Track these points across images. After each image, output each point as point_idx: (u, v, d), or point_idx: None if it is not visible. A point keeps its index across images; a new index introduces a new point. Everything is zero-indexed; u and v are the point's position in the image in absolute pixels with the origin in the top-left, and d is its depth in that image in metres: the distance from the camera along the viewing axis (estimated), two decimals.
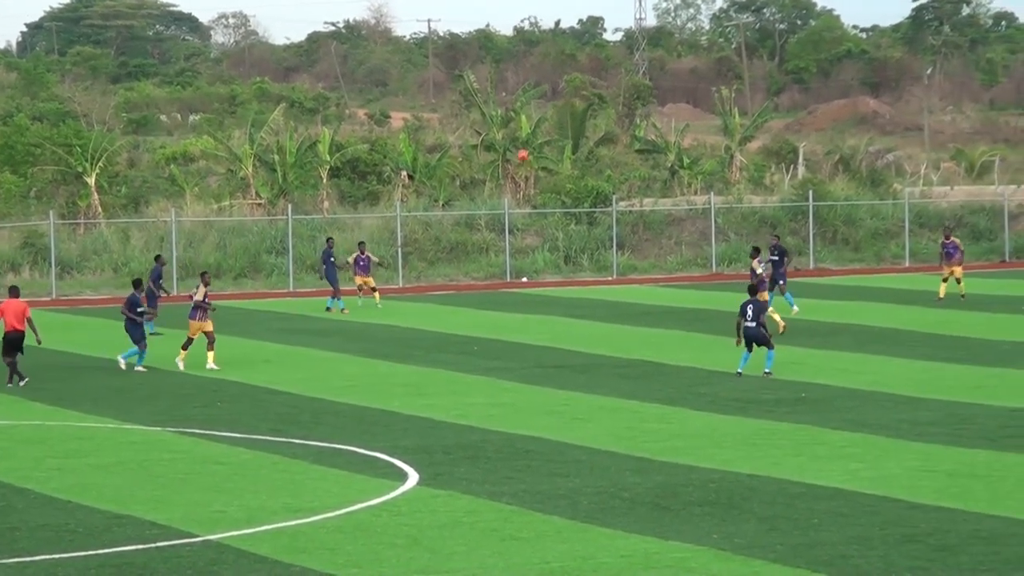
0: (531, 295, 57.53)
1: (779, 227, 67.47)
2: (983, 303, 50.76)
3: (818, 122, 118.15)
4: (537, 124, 76.75)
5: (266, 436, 30.11)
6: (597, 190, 67.67)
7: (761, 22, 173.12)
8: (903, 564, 20.35)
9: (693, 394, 34.39)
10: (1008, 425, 30.06)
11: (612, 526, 22.65)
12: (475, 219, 65.89)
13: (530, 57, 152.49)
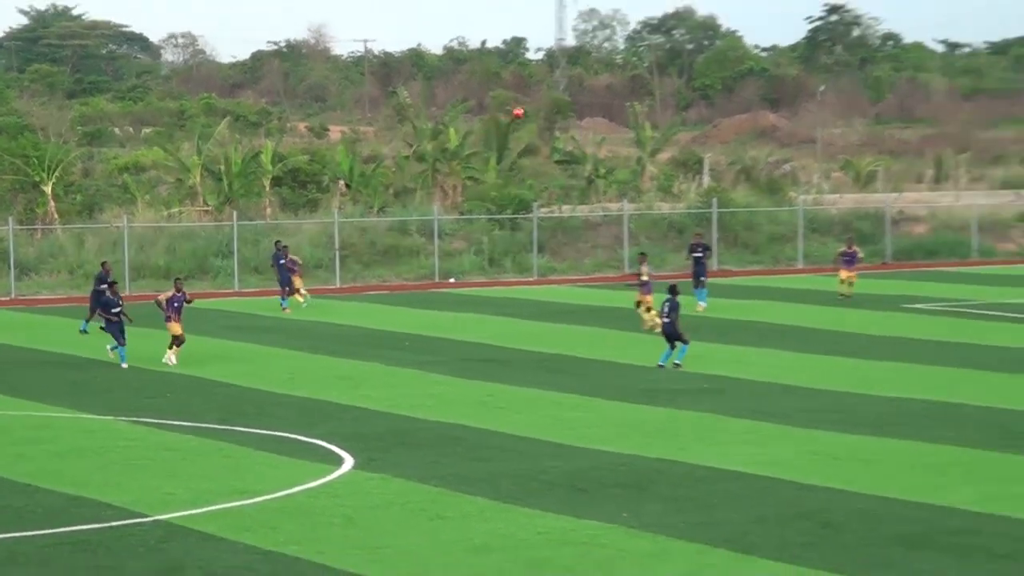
0: (458, 295, 57.59)
1: (687, 232, 67.85)
2: (869, 302, 51.10)
3: (722, 135, 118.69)
4: (465, 137, 76.71)
5: (213, 425, 30.10)
6: (519, 198, 67.78)
7: (671, 42, 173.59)
8: (794, 540, 20.62)
9: (607, 386, 34.53)
10: (889, 413, 30.37)
11: (531, 506, 22.80)
12: (407, 225, 65.85)
13: (458, 74, 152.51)
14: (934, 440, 27.33)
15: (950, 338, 41.94)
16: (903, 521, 21.41)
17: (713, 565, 19.42)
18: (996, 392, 32.65)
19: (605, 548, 20.33)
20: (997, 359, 37.67)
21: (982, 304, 50.51)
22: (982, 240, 69.78)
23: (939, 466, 25.20)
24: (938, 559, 19.44)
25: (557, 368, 37.59)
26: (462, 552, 20.30)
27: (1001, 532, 20.69)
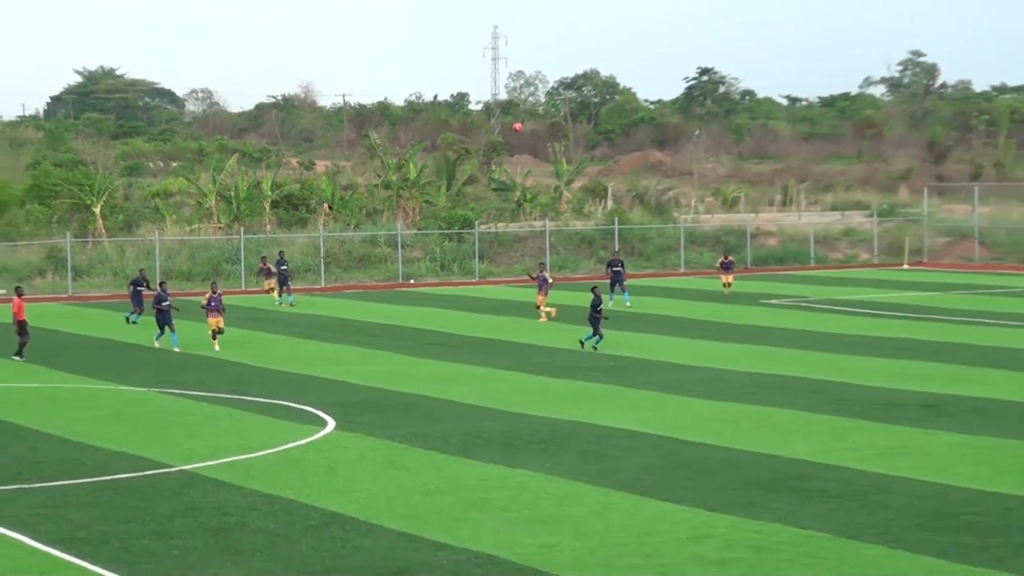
0: (417, 293, 57.42)
1: (595, 244, 67.92)
2: (734, 298, 51.28)
3: (621, 169, 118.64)
4: (421, 169, 76.72)
5: (225, 395, 29.82)
6: (464, 217, 67.75)
7: (581, 97, 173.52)
8: (678, 484, 20.59)
9: (532, 363, 34.47)
10: (749, 385, 30.43)
11: (474, 458, 22.69)
12: (376, 238, 65.68)
13: (416, 121, 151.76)
14: (782, 406, 27.38)
15: (795, 326, 42.08)
16: (760, 469, 21.41)
17: (615, 503, 19.35)
18: (829, 368, 32.76)
19: (531, 491, 20.24)
20: (830, 342, 37.84)
21: (818, 299, 50.74)
22: (817, 250, 70.17)
23: (786, 426, 25.22)
24: (787, 499, 19.43)
25: (494, 350, 37.48)
26: (419, 494, 20.16)
27: (833, 478, 20.71)
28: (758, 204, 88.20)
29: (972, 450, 22.56)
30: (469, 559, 16.58)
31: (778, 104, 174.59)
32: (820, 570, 15.87)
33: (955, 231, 72.74)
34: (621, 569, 16.10)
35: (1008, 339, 37.88)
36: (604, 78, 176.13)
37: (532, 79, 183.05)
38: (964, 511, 18.41)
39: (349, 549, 17.14)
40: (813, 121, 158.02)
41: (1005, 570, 15.63)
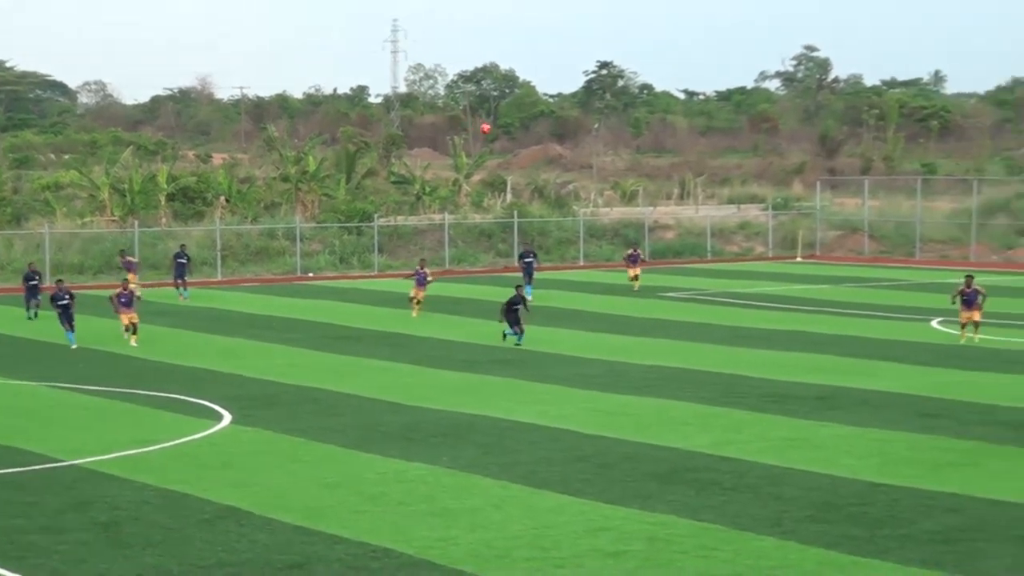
0: (315, 286, 57.09)
1: (494, 237, 67.98)
2: (632, 292, 51.56)
3: (521, 162, 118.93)
4: (320, 163, 76.38)
5: (118, 389, 29.41)
6: (363, 210, 67.47)
7: (481, 90, 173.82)
8: (575, 477, 20.70)
9: (431, 356, 34.44)
10: (648, 377, 30.66)
11: (372, 451, 22.63)
12: (275, 231, 65.17)
13: (315, 114, 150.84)
14: (679, 398, 27.63)
15: (692, 319, 42.48)
16: (657, 462, 21.59)
17: (513, 496, 19.41)
18: (725, 360, 33.12)
19: (429, 484, 20.24)
20: (726, 335, 38.25)
21: (715, 292, 51.27)
22: (714, 243, 70.89)
23: (682, 418, 25.45)
24: (683, 491, 19.62)
25: (393, 343, 37.37)
26: (316, 487, 20.07)
27: (728, 470, 20.95)
28: (656, 198, 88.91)
29: (861, 442, 22.96)
30: (366, 552, 16.54)
31: (676, 98, 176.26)
32: (713, 562, 16.06)
33: (846, 225, 73.91)
34: (517, 561, 16.17)
35: (896, 332, 38.58)
36: (503, 71, 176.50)
37: (432, 72, 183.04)
38: (853, 503, 18.73)
39: (244, 543, 17.01)
40: (710, 115, 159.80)
41: (891, 561, 15.93)
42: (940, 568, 15.58)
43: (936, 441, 22.94)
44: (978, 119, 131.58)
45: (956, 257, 66.52)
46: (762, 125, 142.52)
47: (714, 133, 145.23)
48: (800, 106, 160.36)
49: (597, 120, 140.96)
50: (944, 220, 71.74)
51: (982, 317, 36.14)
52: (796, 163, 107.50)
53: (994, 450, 21.99)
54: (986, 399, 26.90)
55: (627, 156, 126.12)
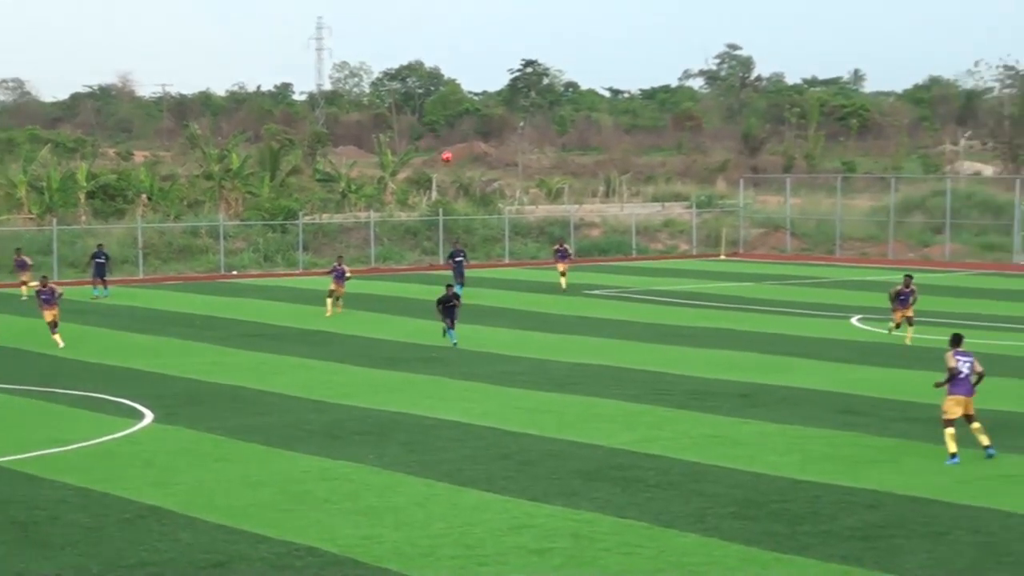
0: (239, 284, 56.68)
1: (420, 235, 67.86)
2: (557, 289, 51.61)
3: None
4: (244, 160, 75.97)
5: (36, 388, 29.03)
6: (288, 208, 67.13)
7: (406, 88, 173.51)
8: (499, 474, 20.72)
9: (356, 354, 34.31)
10: (572, 375, 30.75)
11: (296, 450, 22.51)
12: (198, 229, 64.66)
13: (239, 112, 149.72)
14: (604, 396, 27.73)
15: (617, 316, 42.66)
16: (582, 459, 21.65)
17: (437, 494, 19.39)
18: (650, 358, 33.29)
19: (354, 482, 20.17)
20: (651, 332, 38.46)
21: (639, 290, 51.54)
22: (639, 241, 71.27)
23: (608, 416, 25.54)
24: (608, 488, 19.70)
25: (317, 341, 37.20)
26: (241, 486, 19.93)
27: (652, 467, 21.06)
28: (581, 195, 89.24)
29: (782, 439, 23.17)
30: (290, 551, 16.45)
31: (601, 96, 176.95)
32: (637, 559, 16.14)
33: (769, 222, 74.61)
34: (442, 559, 16.15)
35: (817, 329, 38.98)
36: (429, 69, 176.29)
37: (357, 70, 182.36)
38: (774, 499, 18.91)
39: (166, 542, 16.86)
40: (635, 113, 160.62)
41: (812, 557, 16.09)
42: (860, 564, 15.77)
43: (856, 438, 23.21)
44: (896, 117, 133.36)
45: (875, 255, 67.37)
46: (686, 123, 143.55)
47: (639, 131, 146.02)
48: (723, 104, 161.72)
49: (522, 118, 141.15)
50: (863, 218, 72.65)
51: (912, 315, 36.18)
52: (719, 161, 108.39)
53: (912, 447, 22.30)
54: (904, 396, 27.26)
55: (552, 154, 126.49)
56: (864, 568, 15.61)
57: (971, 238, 67.47)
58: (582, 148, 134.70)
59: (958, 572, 15.47)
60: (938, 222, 67.84)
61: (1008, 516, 17.81)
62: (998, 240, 66.08)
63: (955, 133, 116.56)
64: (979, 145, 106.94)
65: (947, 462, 20.88)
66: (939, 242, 66.93)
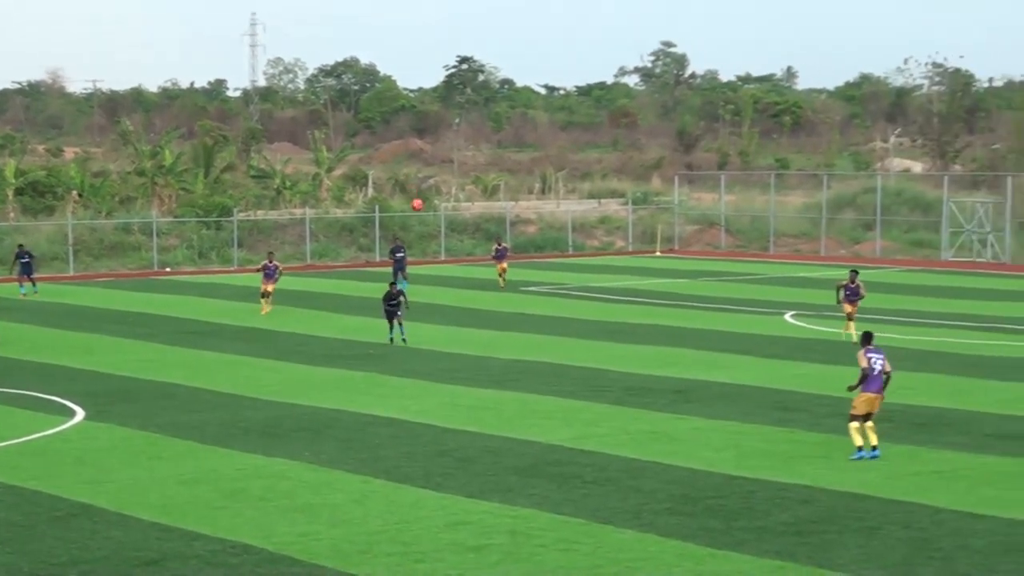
0: (173, 281, 56.19)
1: (356, 231, 67.58)
2: (495, 286, 51.57)
3: (382, 156, 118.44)
4: (178, 157, 75.38)
5: None
6: (222, 204, 66.65)
7: (341, 84, 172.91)
8: (437, 471, 20.69)
9: (293, 351, 34.14)
10: (509, 372, 30.75)
11: (231, 447, 22.37)
12: (130, 226, 64.05)
13: (172, 108, 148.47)
14: (541, 392, 27.76)
15: (554, 313, 42.72)
16: (519, 456, 21.67)
17: (374, 491, 19.33)
18: (587, 354, 33.37)
19: (290, 480, 20.07)
20: (588, 329, 38.54)
21: (576, 287, 51.65)
22: (575, 237, 71.42)
23: (545, 412, 25.57)
24: (544, 485, 19.72)
25: (252, 338, 36.96)
26: (175, 484, 19.78)
27: (589, 463, 21.12)
28: (517, 192, 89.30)
29: (718, 435, 23.31)
30: (225, 549, 16.33)
31: (536, 93, 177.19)
32: (574, 555, 16.17)
33: (703, 219, 75.05)
34: (379, 556, 16.10)
35: (751, 325, 39.25)
36: (364, 66, 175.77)
37: (291, 66, 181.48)
38: (710, 495, 19.01)
39: (98, 540, 16.69)
40: (570, 110, 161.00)
41: (747, 553, 16.19)
42: (794, 559, 15.89)
43: (790, 434, 23.39)
44: (828, 115, 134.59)
45: (808, 251, 67.93)
46: (622, 120, 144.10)
47: (574, 128, 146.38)
48: (658, 101, 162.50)
49: (458, 115, 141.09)
50: (796, 215, 73.25)
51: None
52: (655, 158, 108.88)
53: (845, 443, 22.46)
54: (837, 392, 27.42)
55: (488, 151, 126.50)
56: (798, 563, 15.73)
57: (901, 235, 68.21)
58: (518, 145, 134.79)
59: (890, 567, 15.62)
60: (869, 219, 68.52)
61: (938, 511, 18.03)
62: (927, 237, 66.84)
63: (885, 130, 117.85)
64: (909, 142, 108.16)
65: (852, 456, 20.95)
66: (870, 239, 67.61)
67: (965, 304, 44.56)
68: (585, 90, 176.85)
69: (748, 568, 15.60)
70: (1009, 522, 17.41)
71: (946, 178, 69.67)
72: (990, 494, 18.93)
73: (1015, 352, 33.18)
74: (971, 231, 63.26)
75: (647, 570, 15.56)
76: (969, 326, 38.75)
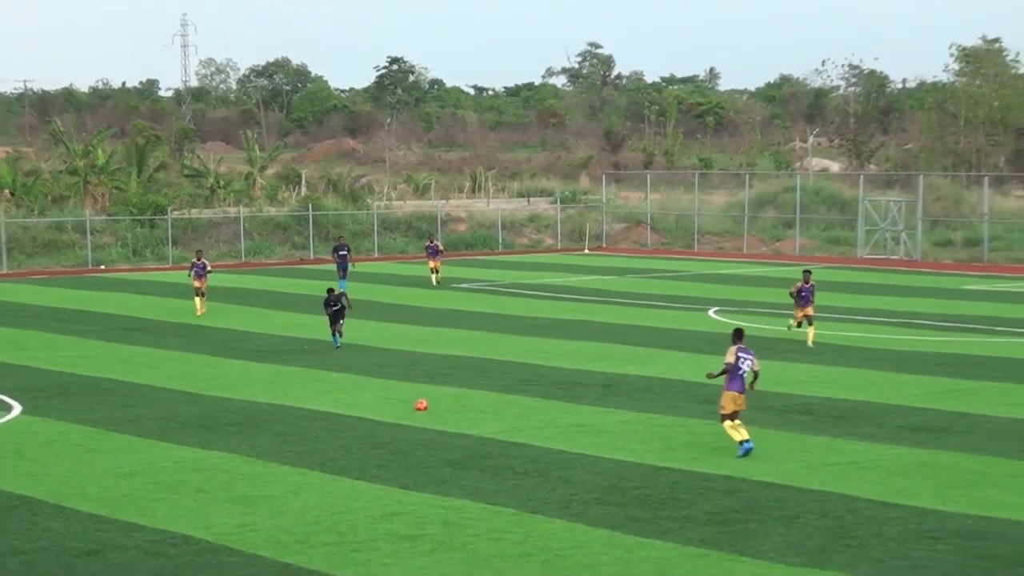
0: (108, 279, 55.72)
1: (290, 229, 67.35)
2: (425, 283, 51.59)
3: (315, 156, 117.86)
4: (110, 156, 74.75)
5: None
6: (156, 203, 66.18)
7: (273, 84, 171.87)
8: (372, 463, 20.80)
9: (229, 347, 34.05)
10: (441, 367, 30.88)
11: (169, 441, 22.35)
12: (63, 224, 63.43)
13: (104, 108, 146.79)
14: (474, 387, 27.92)
15: (485, 309, 42.87)
16: (452, 449, 21.83)
17: (311, 483, 19.43)
18: (517, 349, 33.56)
19: (227, 472, 20.11)
20: (518, 325, 38.73)
21: (506, 283, 51.82)
22: (505, 236, 71.61)
23: (478, 406, 25.73)
24: (476, 476, 19.91)
25: (188, 334, 36.81)
26: (113, 477, 19.77)
27: (520, 455, 21.32)
28: (448, 191, 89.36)
29: (645, 427, 23.60)
30: (164, 539, 16.38)
31: (466, 93, 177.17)
32: (505, 544, 16.37)
33: (630, 217, 75.51)
34: (316, 546, 16.21)
35: (676, 321, 39.65)
36: (296, 66, 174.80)
37: (223, 66, 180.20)
38: (637, 485, 19.28)
39: (38, 531, 16.68)
40: (499, 110, 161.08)
41: (672, 541, 16.47)
42: (717, 547, 16.18)
43: (713, 426, 23.68)
44: (749, 115, 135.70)
45: (731, 249, 68.60)
46: (550, 120, 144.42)
47: (504, 128, 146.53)
48: (585, 102, 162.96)
49: (389, 115, 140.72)
50: (720, 213, 73.93)
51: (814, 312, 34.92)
52: (583, 158, 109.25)
53: (765, 434, 22.86)
54: (759, 385, 27.85)
55: (419, 150, 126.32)
56: (721, 551, 16.03)
57: (819, 232, 69.05)
58: (448, 144, 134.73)
59: (808, 553, 15.96)
60: (789, 217, 69.31)
61: (853, 500, 18.42)
62: (843, 234, 67.71)
63: (804, 131, 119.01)
64: (827, 142, 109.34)
65: (738, 453, 20.98)
66: (790, 236, 68.39)
67: (879, 300, 45.26)
68: (514, 91, 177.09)
69: (673, 556, 15.88)
70: (920, 510, 17.84)
71: (861, 177, 70.63)
72: (902, 484, 19.36)
73: (925, 347, 33.83)
74: (885, 229, 64.19)
75: (576, 558, 15.79)
76: (883, 322, 39.40)
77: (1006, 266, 59.44)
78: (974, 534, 16.64)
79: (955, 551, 15.98)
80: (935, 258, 62.14)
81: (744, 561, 15.63)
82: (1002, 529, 16.86)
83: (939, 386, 27.76)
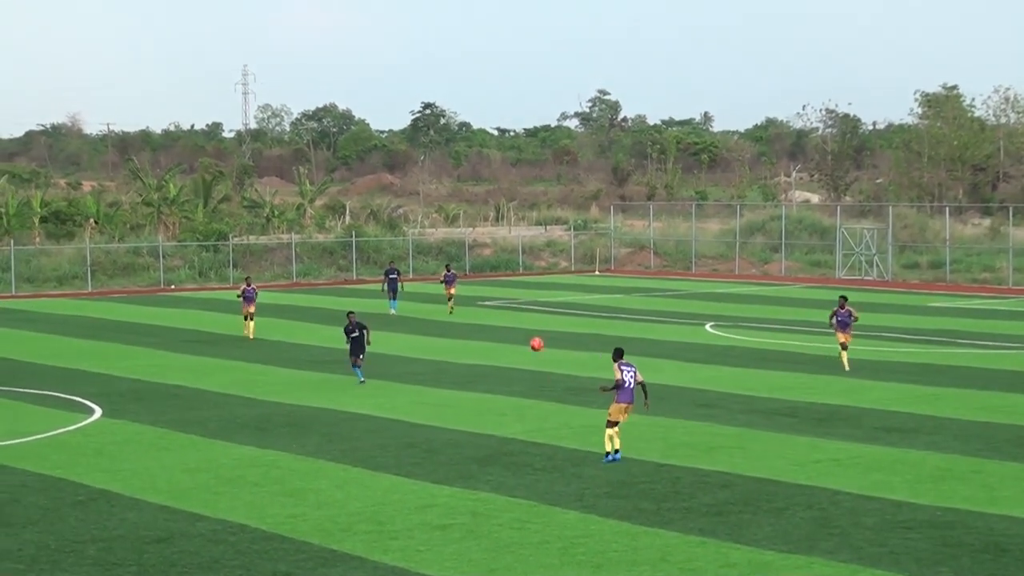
0: (177, 297, 55.80)
1: (335, 254, 67.35)
2: (457, 300, 51.35)
3: (358, 189, 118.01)
4: (180, 189, 75.07)
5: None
6: (219, 230, 66.42)
7: (322, 127, 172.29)
8: (407, 460, 20.53)
9: (282, 357, 33.94)
10: (468, 375, 30.68)
11: (229, 440, 22.27)
12: (140, 249, 63.66)
13: (175, 147, 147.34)
14: (496, 392, 27.79)
15: (506, 324, 42.73)
16: (478, 447, 21.68)
17: (353, 478, 19.30)
18: (534, 360, 33.34)
19: (280, 468, 19.99)
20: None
21: (526, 301, 51.67)
22: (525, 259, 71.48)
23: (501, 410, 25.59)
24: (500, 472, 19.75)
25: (246, 346, 36.76)
26: (180, 471, 19.68)
27: (538, 453, 21.17)
28: (475, 220, 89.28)
29: (649, 428, 23.39)
30: (224, 528, 16.26)
31: (490, 134, 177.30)
32: (526, 532, 16.20)
33: (635, 243, 75.27)
34: (358, 534, 16.07)
35: (677, 334, 39.43)
36: (342, 111, 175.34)
37: (278, 111, 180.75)
38: (643, 480, 19.09)
39: (115, 521, 16.58)
40: (520, 149, 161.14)
41: (674, 530, 16.29)
42: (714, 536, 15.98)
43: (709, 427, 23.52)
44: (739, 153, 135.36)
45: (724, 270, 68.32)
46: (564, 158, 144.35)
47: (523, 164, 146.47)
48: (595, 141, 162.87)
49: (423, 153, 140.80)
50: (714, 239, 73.67)
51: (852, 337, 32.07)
52: (593, 190, 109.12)
53: (756, 435, 22.66)
54: (750, 391, 27.69)
55: (449, 184, 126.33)
56: (718, 539, 15.83)
57: (802, 256, 68.76)
58: (475, 179, 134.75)
59: (796, 541, 15.75)
60: (775, 242, 69.04)
61: (836, 493, 18.18)
62: (823, 258, 67.42)
63: (788, 166, 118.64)
64: (808, 177, 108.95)
65: (604, 460, 20.06)
66: (776, 260, 68.11)
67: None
68: (532, 132, 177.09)
69: (675, 543, 15.68)
70: (894, 503, 17.60)
71: (839, 208, 70.33)
72: (879, 478, 19.12)
73: (897, 357, 33.53)
74: (860, 253, 63.86)
75: (589, 545, 15.61)
76: (859, 335, 39.07)
77: (966, 285, 59.08)
78: (943, 524, 16.40)
79: (926, 539, 15.75)
80: (904, 279, 61.79)
81: (739, 548, 15.42)
82: (967, 520, 16.62)
83: (909, 392, 27.48)
